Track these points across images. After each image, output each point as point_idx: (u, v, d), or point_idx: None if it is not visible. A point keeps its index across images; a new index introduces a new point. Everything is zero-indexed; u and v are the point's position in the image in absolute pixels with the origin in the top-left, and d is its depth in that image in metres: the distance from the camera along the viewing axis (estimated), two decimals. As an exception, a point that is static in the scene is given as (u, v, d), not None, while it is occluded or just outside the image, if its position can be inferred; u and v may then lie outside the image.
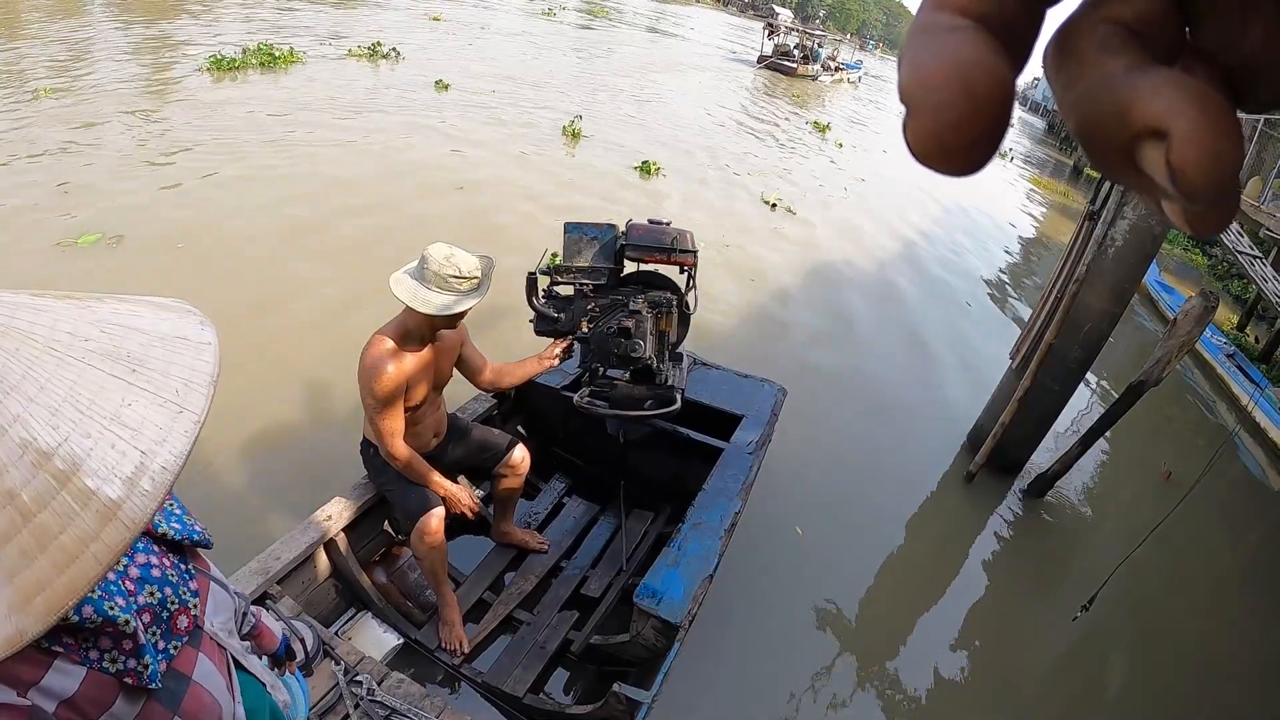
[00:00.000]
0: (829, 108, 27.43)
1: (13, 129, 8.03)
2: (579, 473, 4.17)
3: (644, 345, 3.01)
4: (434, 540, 2.87)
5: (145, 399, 0.72)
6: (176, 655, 0.95)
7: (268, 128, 9.65)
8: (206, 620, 1.05)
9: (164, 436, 0.71)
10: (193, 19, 16.29)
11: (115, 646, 0.85)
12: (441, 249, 2.60)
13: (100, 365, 0.71)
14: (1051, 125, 44.07)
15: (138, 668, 0.86)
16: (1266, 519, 6.72)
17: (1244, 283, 13.47)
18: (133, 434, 0.69)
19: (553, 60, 21.51)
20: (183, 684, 0.94)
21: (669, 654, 2.54)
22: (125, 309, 0.79)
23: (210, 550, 1.13)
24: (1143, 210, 4.63)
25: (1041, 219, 17.59)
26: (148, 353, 0.75)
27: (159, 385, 0.73)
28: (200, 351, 0.79)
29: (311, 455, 4.21)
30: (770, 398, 4.18)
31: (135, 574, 0.93)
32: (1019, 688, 4.07)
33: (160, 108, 9.70)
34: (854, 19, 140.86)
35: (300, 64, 13.43)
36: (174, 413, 0.72)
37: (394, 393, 2.70)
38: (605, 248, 3.14)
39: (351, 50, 15.43)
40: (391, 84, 13.62)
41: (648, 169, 11.47)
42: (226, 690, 1.03)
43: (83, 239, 5.84)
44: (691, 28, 51.47)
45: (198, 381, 0.76)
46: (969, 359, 7.89)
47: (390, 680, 2.49)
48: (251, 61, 12.53)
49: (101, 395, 0.69)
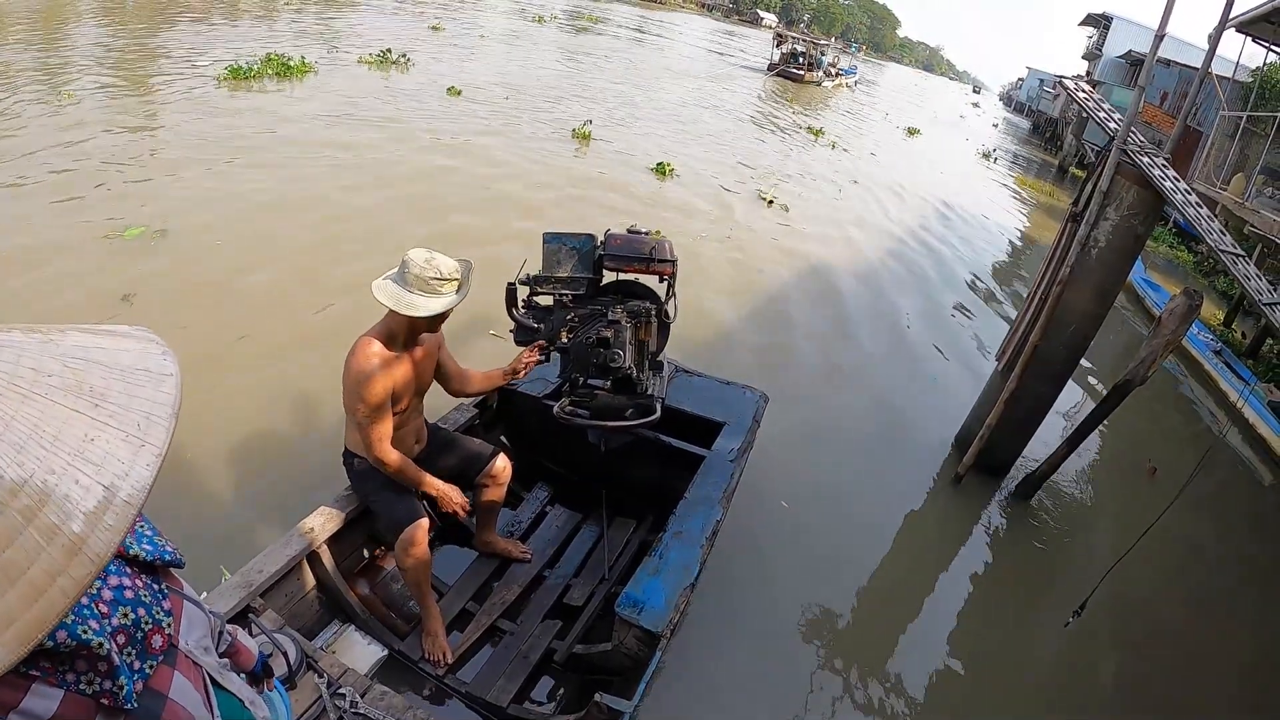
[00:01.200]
0: (828, 111, 28.60)
1: (60, 130, 8.49)
2: (561, 482, 4.16)
3: (623, 355, 3.01)
4: (419, 551, 2.86)
5: (108, 434, 0.73)
6: (152, 674, 0.96)
7: (295, 133, 10.16)
8: (181, 639, 1.06)
9: (127, 470, 0.72)
10: (193, 29, 16.48)
11: (91, 669, 0.86)
12: (421, 253, 2.63)
13: (63, 400, 0.72)
14: (1036, 126, 44.29)
15: (113, 689, 0.87)
16: (1257, 514, 6.76)
17: (1230, 279, 13.55)
18: (96, 469, 0.70)
19: (560, 67, 22.21)
20: (159, 702, 0.95)
21: (651, 663, 2.54)
22: (88, 341, 0.80)
23: (183, 570, 1.13)
24: (1125, 210, 4.66)
25: (1028, 219, 17.69)
26: (109, 386, 0.76)
27: (121, 419, 0.74)
28: (161, 383, 0.80)
29: (295, 466, 4.18)
30: (752, 405, 4.17)
31: (108, 596, 0.93)
32: (1011, 690, 4.07)
33: (190, 112, 10.13)
34: (838, 22, 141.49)
35: (313, 73, 13.88)
36: (136, 446, 0.73)
37: (384, 396, 2.70)
38: (584, 258, 3.13)
39: (362, 58, 16.09)
40: (405, 90, 14.18)
41: (662, 170, 12.11)
42: (204, 706, 1.04)
43: (128, 232, 6.33)
44: (682, 32, 52.04)
45: (159, 415, 0.77)
46: (956, 361, 7.91)
47: (374, 692, 2.47)
48: (266, 71, 12.95)
49: (65, 430, 0.70)
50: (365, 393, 2.65)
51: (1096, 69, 32.25)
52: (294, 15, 21.31)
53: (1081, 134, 26.17)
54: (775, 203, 12.05)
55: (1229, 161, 11.77)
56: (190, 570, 1.15)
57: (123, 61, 12.33)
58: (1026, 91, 55.81)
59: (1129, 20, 31.85)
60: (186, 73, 12.20)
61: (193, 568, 1.16)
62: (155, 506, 2.06)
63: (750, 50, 49.44)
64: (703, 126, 17.70)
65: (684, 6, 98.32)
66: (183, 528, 3.56)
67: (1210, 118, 14.21)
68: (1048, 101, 39.82)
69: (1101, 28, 34.19)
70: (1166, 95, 21.90)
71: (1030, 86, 52.68)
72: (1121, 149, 4.61)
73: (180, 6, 18.69)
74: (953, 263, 11.71)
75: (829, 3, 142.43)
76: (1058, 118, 34.78)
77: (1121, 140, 4.61)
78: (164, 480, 0.74)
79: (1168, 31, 4.70)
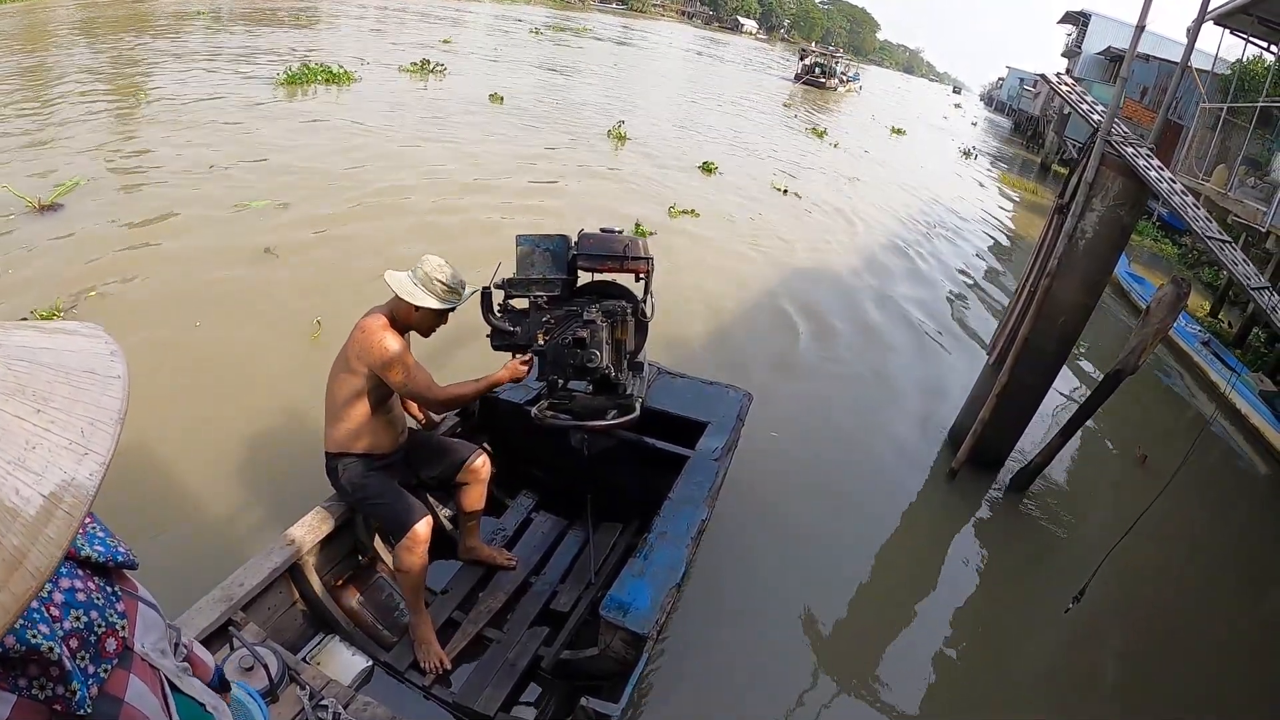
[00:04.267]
0: (837, 113, 32.46)
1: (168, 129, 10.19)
2: (546, 488, 4.14)
3: (600, 355, 2.97)
4: (423, 551, 2.89)
5: (50, 441, 0.70)
6: (107, 678, 0.93)
7: (371, 127, 11.99)
8: (137, 642, 1.03)
9: (70, 479, 0.69)
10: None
11: (42, 674, 0.84)
12: (436, 259, 2.89)
13: (5, 405, 0.69)
14: (1018, 124, 44.55)
15: (65, 694, 0.85)
16: (1247, 500, 6.79)
17: (1215, 270, 13.63)
18: (37, 479, 0.67)
19: (582, 77, 24.20)
20: (115, 706, 0.92)
21: (637, 666, 2.51)
22: (34, 341, 0.77)
23: (136, 570, 1.09)
24: (1111, 201, 4.65)
25: (1013, 216, 17.78)
26: (53, 390, 0.73)
27: (63, 425, 0.71)
28: (107, 386, 0.77)
29: (281, 474, 4.12)
30: (736, 404, 4.14)
31: (60, 599, 0.91)
32: (1013, 680, 4.04)
33: (276, 115, 11.91)
34: (818, 27, 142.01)
35: (356, 80, 15.42)
36: (79, 455, 0.71)
37: (405, 349, 2.87)
38: (558, 259, 3.10)
39: (403, 66, 17.96)
40: (450, 96, 15.89)
41: (709, 168, 13.78)
42: (162, 711, 1.01)
43: (254, 203, 7.91)
44: (670, 42, 52.75)
45: (104, 420, 0.74)
46: (948, 356, 7.90)
47: (356, 704, 2.42)
48: (315, 77, 14.62)
49: (5, 438, 0.68)
50: (389, 349, 2.80)
51: (1076, 66, 32.37)
52: (273, 36, 21.42)
53: (1063, 131, 26.34)
54: (789, 191, 13.67)
55: (1211, 154, 11.84)
56: (171, 583, 1.11)
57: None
58: (1007, 91, 56.14)
59: (1107, 17, 32.02)
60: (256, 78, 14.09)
61: (173, 580, 1.12)
62: (151, 516, 2.04)
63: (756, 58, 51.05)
64: (743, 134, 19.64)
65: (664, 15, 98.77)
66: (160, 538, 3.51)
67: (1191, 111, 14.31)
68: (1029, 100, 40.05)
69: (1080, 25, 34.36)
70: (1147, 90, 22.04)
71: (1011, 86, 53.02)
72: (1106, 139, 4.60)
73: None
74: (942, 258, 11.77)
75: (809, 8, 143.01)
76: (1039, 116, 35.00)
77: (1106, 131, 4.60)
78: (162, 486, 0.71)
79: (1146, 24, 4.69)
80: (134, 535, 0.94)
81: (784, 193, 13.54)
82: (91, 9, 20.18)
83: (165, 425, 4.23)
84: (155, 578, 1.20)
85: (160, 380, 4.61)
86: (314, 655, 2.87)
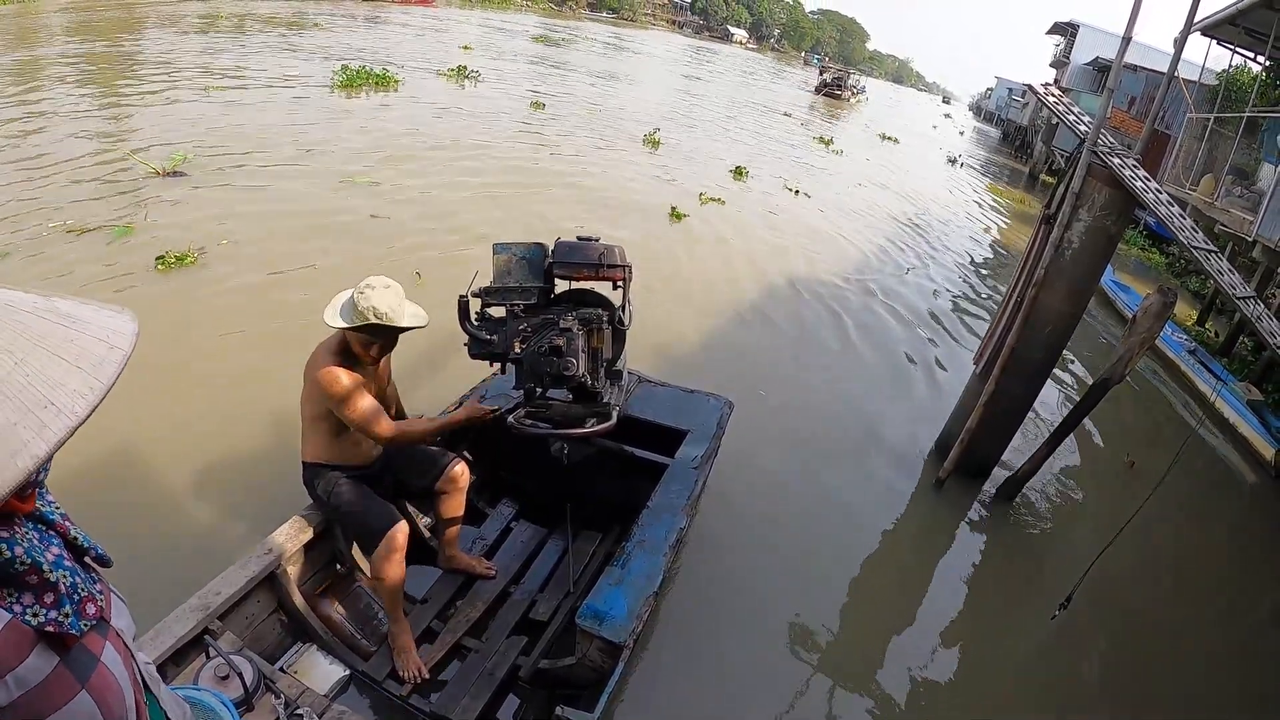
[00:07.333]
0: (846, 122, 34.70)
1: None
2: (526, 496, 4.12)
3: (576, 363, 2.95)
4: (399, 558, 2.86)
5: (84, 338, 0.83)
6: (86, 634, 0.95)
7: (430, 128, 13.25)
8: (113, 621, 1.05)
9: (101, 359, 0.84)
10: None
11: (37, 601, 0.88)
12: (372, 279, 2.81)
13: (45, 316, 0.81)
14: (1006, 134, 44.82)
15: (59, 617, 0.89)
16: (1234, 508, 6.81)
17: (1202, 279, 13.69)
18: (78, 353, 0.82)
19: (606, 84, 25.42)
20: (92, 661, 0.95)
21: (613, 674, 2.50)
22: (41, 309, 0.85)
23: (110, 569, 1.11)
24: (1097, 211, 4.65)
25: (1002, 225, 17.84)
26: (78, 310, 0.86)
27: (92, 329, 0.85)
28: (120, 313, 0.90)
29: (262, 482, 4.08)
30: (716, 412, 4.14)
31: (51, 557, 0.93)
32: (1000, 687, 4.02)
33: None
34: (808, 37, 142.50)
35: (400, 84, 16.46)
36: (107, 347, 0.85)
37: (353, 382, 2.80)
38: (534, 267, 3.07)
39: (441, 71, 19.35)
40: (494, 101, 16.99)
41: (740, 173, 15.02)
42: (131, 684, 1.02)
43: (357, 179, 9.55)
44: (668, 50, 52.97)
45: (124, 330, 0.88)
46: (934, 366, 7.90)
47: (332, 713, 2.40)
48: (366, 80, 15.85)
49: (51, 335, 0.81)
50: (334, 382, 2.77)
51: (1065, 76, 32.55)
52: (283, 39, 21.43)
53: (1051, 141, 26.55)
54: (800, 191, 14.83)
55: (1198, 163, 11.92)
56: (144, 593, 1.09)
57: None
58: (996, 101, 56.51)
59: (1095, 28, 32.19)
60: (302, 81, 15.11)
61: (146, 591, 1.10)
62: (125, 524, 2.01)
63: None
64: (768, 143, 20.85)
65: (654, 24, 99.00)
66: (137, 547, 3.46)
67: (1178, 121, 14.41)
68: (1017, 110, 40.30)
69: (1068, 36, 34.56)
70: (1134, 100, 22.18)
71: (999, 96, 53.33)
72: (1092, 150, 4.62)
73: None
74: (929, 267, 11.80)
75: (799, 18, 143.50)
76: (1027, 125, 35.17)
77: (1092, 142, 4.61)
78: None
79: (1133, 35, 4.71)
80: (106, 541, 0.93)
81: (795, 193, 14.60)
82: (77, 13, 20.29)
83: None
84: (126, 588, 1.19)
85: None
86: (292, 664, 2.83)
